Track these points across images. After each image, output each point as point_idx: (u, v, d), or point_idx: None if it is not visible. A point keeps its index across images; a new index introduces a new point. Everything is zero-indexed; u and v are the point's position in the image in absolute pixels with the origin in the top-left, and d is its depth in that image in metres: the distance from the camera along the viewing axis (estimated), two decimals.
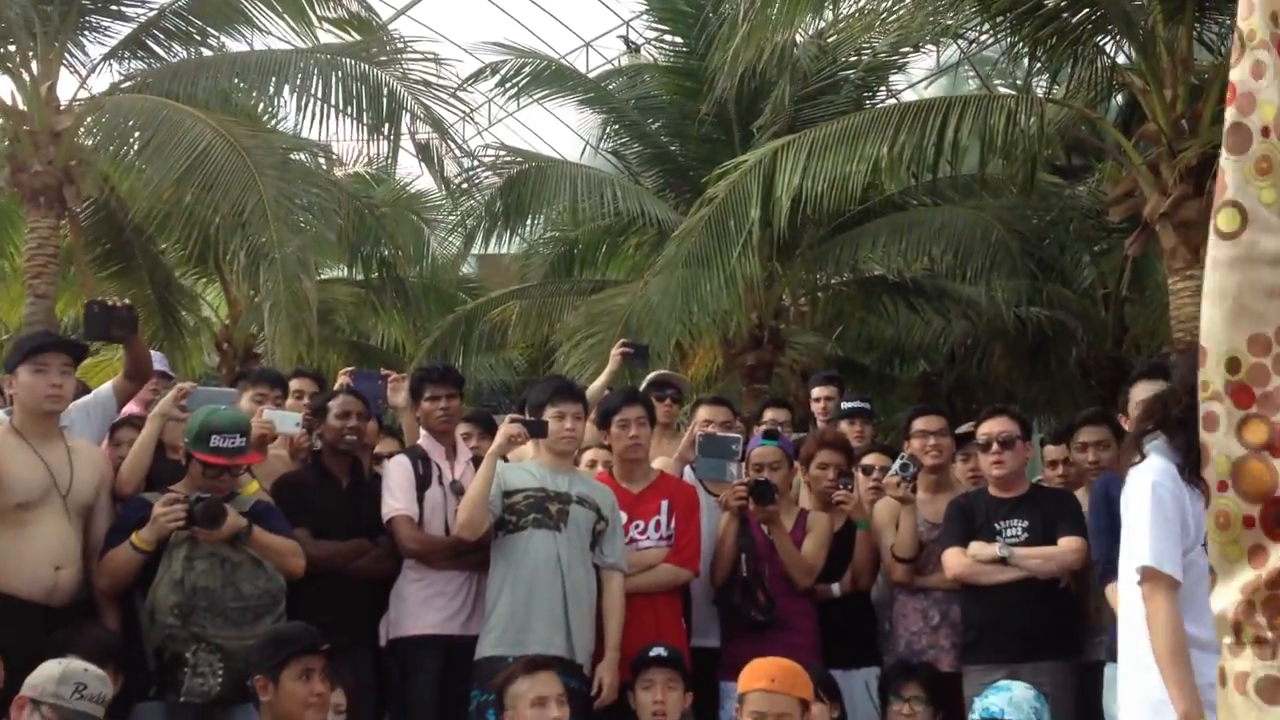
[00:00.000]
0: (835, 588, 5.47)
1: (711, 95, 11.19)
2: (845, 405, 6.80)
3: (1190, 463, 3.15)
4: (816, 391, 7.29)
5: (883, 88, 13.00)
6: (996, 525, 5.09)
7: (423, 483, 5.15)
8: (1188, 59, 8.87)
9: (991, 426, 5.22)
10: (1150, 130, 8.87)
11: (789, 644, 5.08)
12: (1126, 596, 3.24)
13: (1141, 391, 4.75)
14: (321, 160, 13.14)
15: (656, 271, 10.23)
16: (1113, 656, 4.62)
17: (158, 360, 5.86)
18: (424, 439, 5.37)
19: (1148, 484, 3.21)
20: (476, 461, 5.15)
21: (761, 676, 4.01)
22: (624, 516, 5.17)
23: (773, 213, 9.33)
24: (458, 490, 5.12)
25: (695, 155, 12.99)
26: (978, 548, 5.06)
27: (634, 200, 12.41)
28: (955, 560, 5.10)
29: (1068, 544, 4.98)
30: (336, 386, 5.51)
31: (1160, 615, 3.11)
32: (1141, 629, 3.15)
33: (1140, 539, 3.18)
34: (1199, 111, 8.59)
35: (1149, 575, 3.15)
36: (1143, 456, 3.29)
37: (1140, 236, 9.15)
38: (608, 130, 13.82)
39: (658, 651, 4.80)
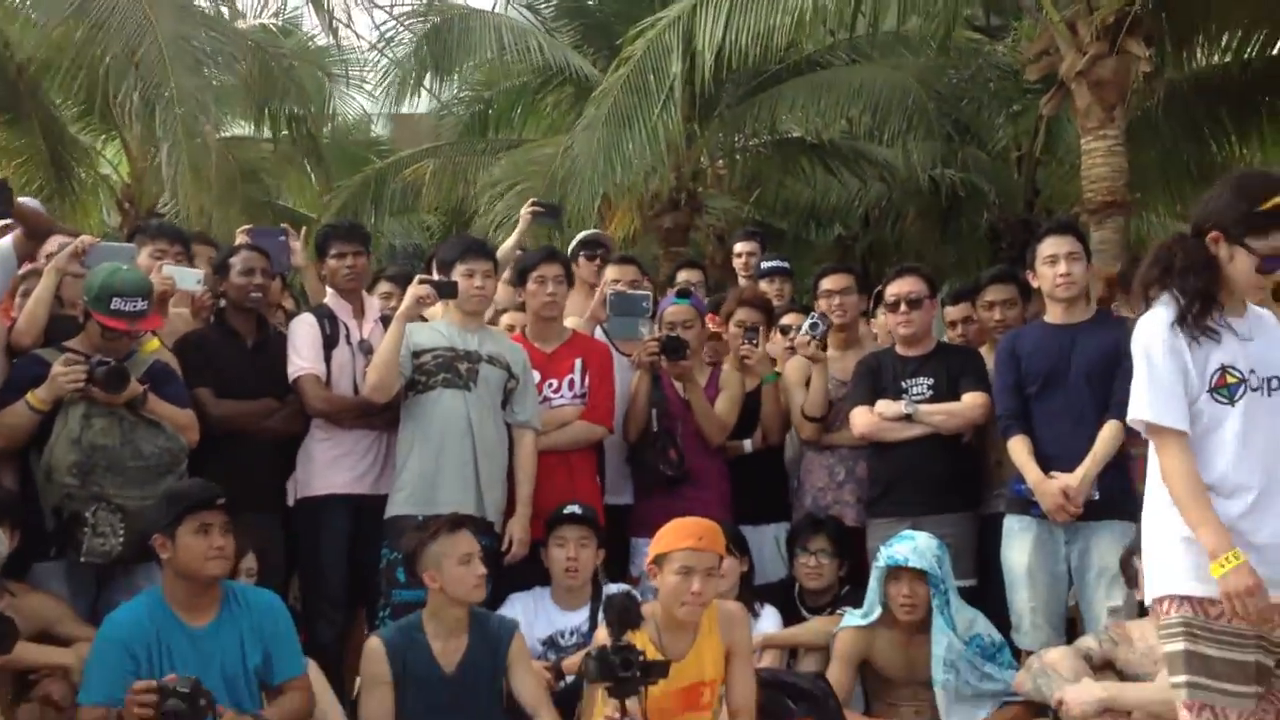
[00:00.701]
0: (747, 444, 5.53)
1: None
2: (765, 264, 6.81)
3: (1191, 311, 3.17)
4: (738, 247, 7.31)
5: None
6: (903, 383, 5.15)
7: (329, 342, 5.07)
8: None
9: (899, 286, 5.25)
10: None
11: (700, 500, 5.16)
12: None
13: (1049, 247, 4.79)
14: (224, 9, 12.63)
15: (579, 131, 10.05)
16: (1011, 509, 4.77)
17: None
18: (330, 298, 5.27)
19: (1143, 340, 3.23)
20: (386, 322, 5.08)
21: (689, 535, 4.06)
22: (537, 375, 5.15)
23: (694, 69, 9.18)
24: (366, 350, 5.06)
25: (613, 9, 12.70)
26: (884, 405, 5.12)
27: (560, 54, 12.14)
28: (862, 418, 5.16)
29: (971, 400, 5.06)
30: (235, 244, 5.36)
31: (1172, 464, 3.16)
32: (1159, 476, 3.21)
33: (1140, 395, 3.22)
34: None
35: (1152, 430, 3.20)
36: (1148, 305, 3.26)
37: (1056, 95, 9.13)
38: None
39: (571, 509, 4.84)
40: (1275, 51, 9.71)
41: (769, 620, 4.98)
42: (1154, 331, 3.21)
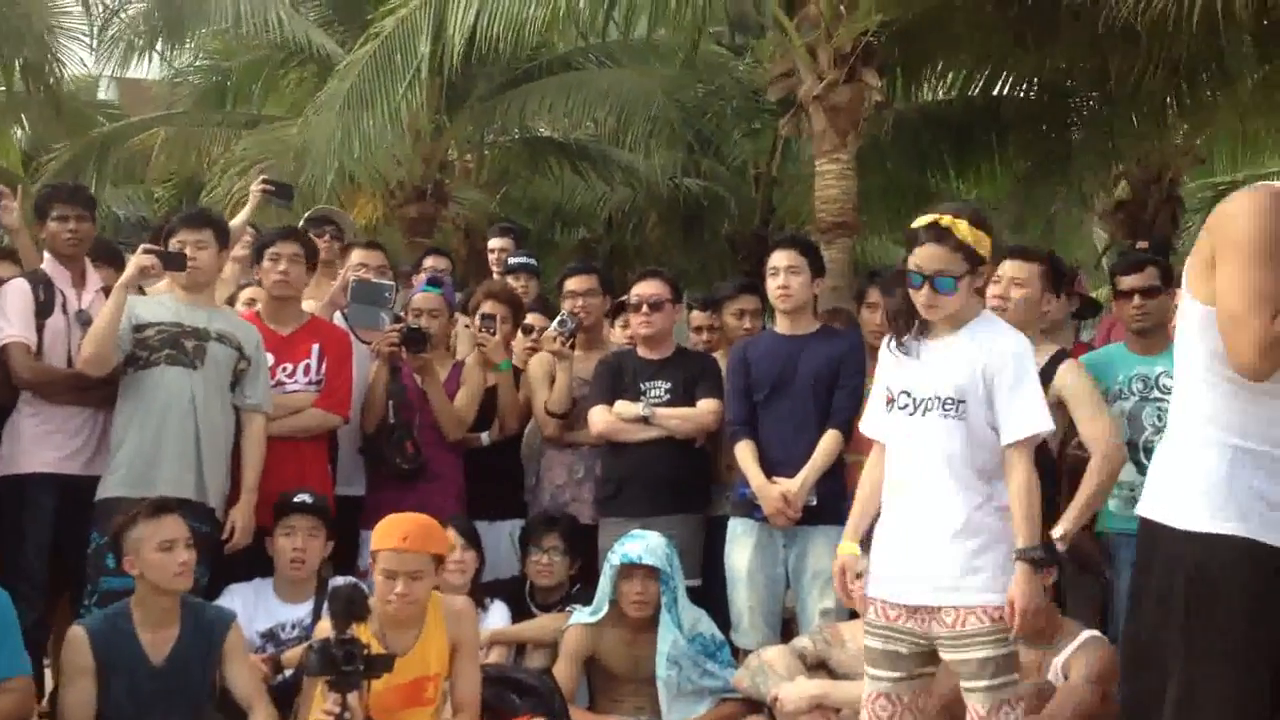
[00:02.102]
0: (484, 436, 5.49)
1: None
2: (511, 260, 6.79)
3: (891, 331, 3.55)
4: (493, 243, 7.29)
5: None
6: (642, 385, 5.23)
7: (44, 309, 4.76)
8: None
9: (643, 289, 5.33)
10: (811, 13, 9.13)
11: (435, 494, 5.14)
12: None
13: (773, 260, 4.95)
14: None
15: (319, 105, 9.76)
16: (735, 512, 4.92)
17: None
18: (48, 263, 4.94)
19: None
20: (107, 292, 4.80)
21: (393, 535, 4.00)
22: (271, 358, 4.97)
23: (444, 54, 9.07)
24: (85, 321, 4.76)
25: None
26: (622, 406, 5.18)
27: (301, 28, 11.75)
28: (600, 417, 5.21)
29: (705, 405, 5.17)
30: None
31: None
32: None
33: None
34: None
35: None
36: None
37: (794, 117, 9.48)
38: None
39: (301, 498, 4.70)
40: (996, 91, 10.38)
41: (497, 615, 4.96)
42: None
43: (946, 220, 3.38)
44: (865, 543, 3.56)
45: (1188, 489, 2.63)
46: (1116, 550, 4.61)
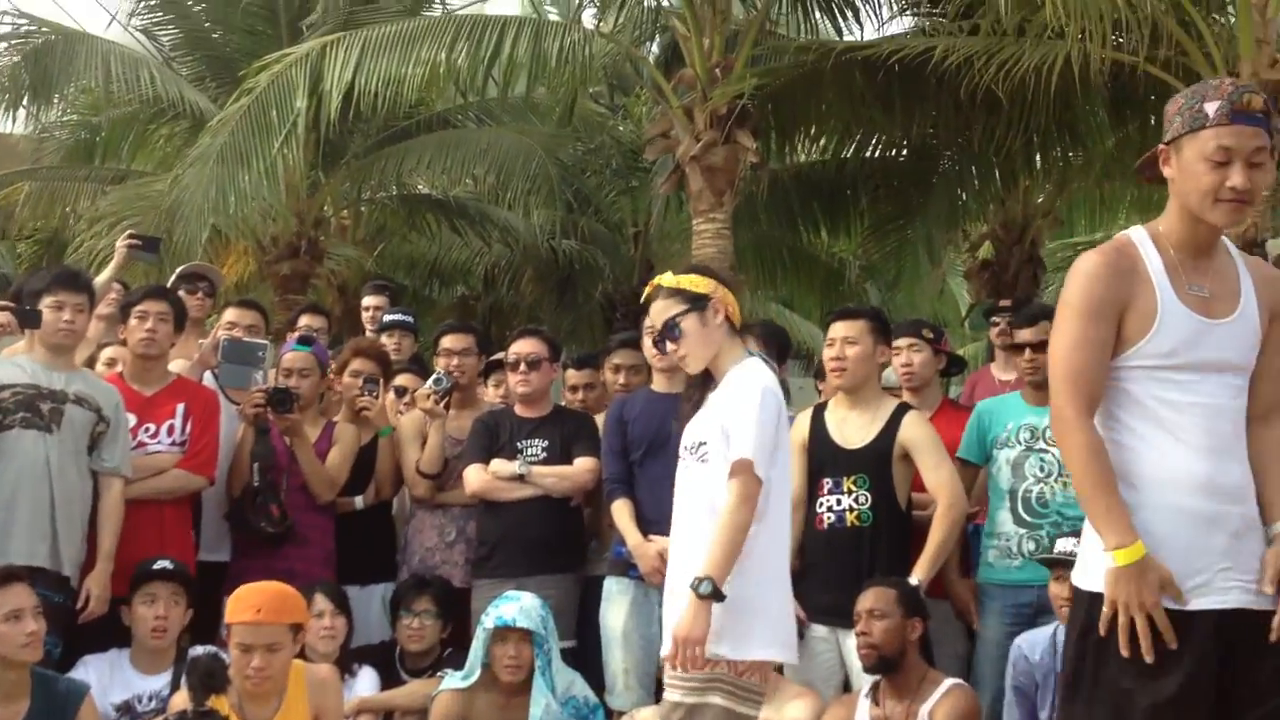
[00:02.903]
0: (358, 500, 5.40)
1: None
2: (387, 317, 6.71)
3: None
4: (368, 300, 7.19)
5: (438, 1, 12.83)
6: (519, 443, 5.19)
7: None
8: (726, 10, 9.40)
9: (521, 346, 5.31)
10: (687, 76, 9.32)
11: (303, 558, 5.05)
12: None
13: (648, 318, 4.97)
14: None
15: (191, 159, 9.58)
16: (611, 571, 4.89)
17: None
18: None
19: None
20: None
21: (247, 607, 3.91)
22: (133, 419, 4.84)
23: (321, 111, 9.01)
24: None
25: (239, 46, 12.27)
26: (498, 465, 5.14)
27: (174, 86, 11.56)
28: (476, 476, 5.16)
29: (582, 464, 5.15)
30: None
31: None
32: None
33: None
34: (732, 62, 9.12)
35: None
36: None
37: (672, 177, 9.62)
38: (141, 5, 12.75)
39: (161, 564, 4.57)
40: (867, 153, 10.65)
41: (366, 682, 4.84)
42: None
43: (653, 281, 3.62)
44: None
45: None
46: (989, 600, 4.68)
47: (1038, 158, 9.99)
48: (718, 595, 3.27)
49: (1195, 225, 2.72)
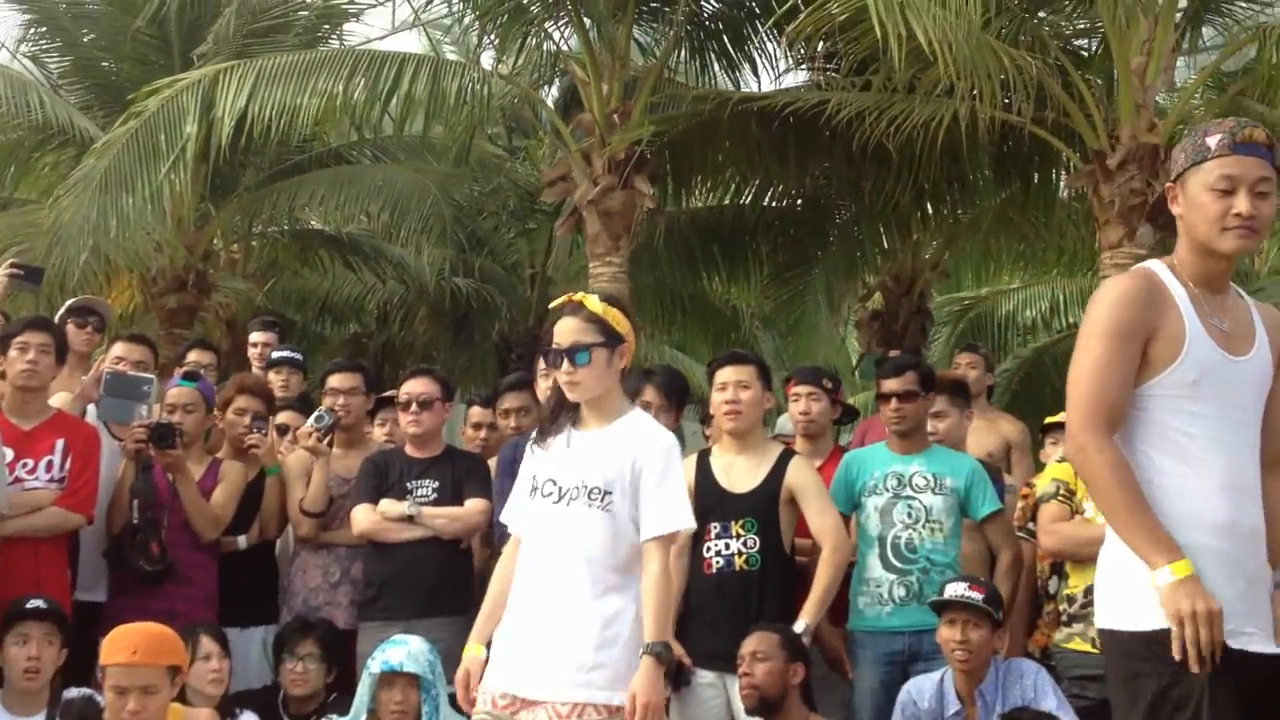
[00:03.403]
0: (242, 540, 5.29)
1: (149, 9, 10.48)
2: (275, 354, 6.61)
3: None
4: (255, 336, 7.05)
5: (335, 37, 12.75)
6: (409, 484, 5.14)
7: None
8: (625, 57, 9.51)
9: (413, 386, 5.27)
10: (586, 121, 9.39)
11: (183, 598, 4.93)
12: None
13: (543, 361, 4.98)
14: None
15: (71, 185, 9.33)
16: None
17: None
18: None
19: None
20: None
21: (122, 648, 3.79)
22: (10, 454, 4.69)
23: (211, 139, 8.86)
24: None
25: (130, 75, 12.01)
26: (387, 505, 5.08)
27: (63, 111, 11.28)
28: (364, 516, 5.09)
29: (473, 505, 5.11)
30: None
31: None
32: None
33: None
34: (630, 108, 9.22)
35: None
36: None
37: (569, 220, 9.66)
38: (31, 32, 12.45)
39: (35, 603, 4.42)
40: (766, 202, 10.82)
41: None
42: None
43: (580, 296, 3.53)
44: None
45: None
46: (861, 649, 4.73)
47: (928, 211, 10.25)
48: (672, 659, 3.34)
49: (1206, 259, 2.71)
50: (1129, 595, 2.62)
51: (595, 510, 3.38)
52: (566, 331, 3.43)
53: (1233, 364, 2.68)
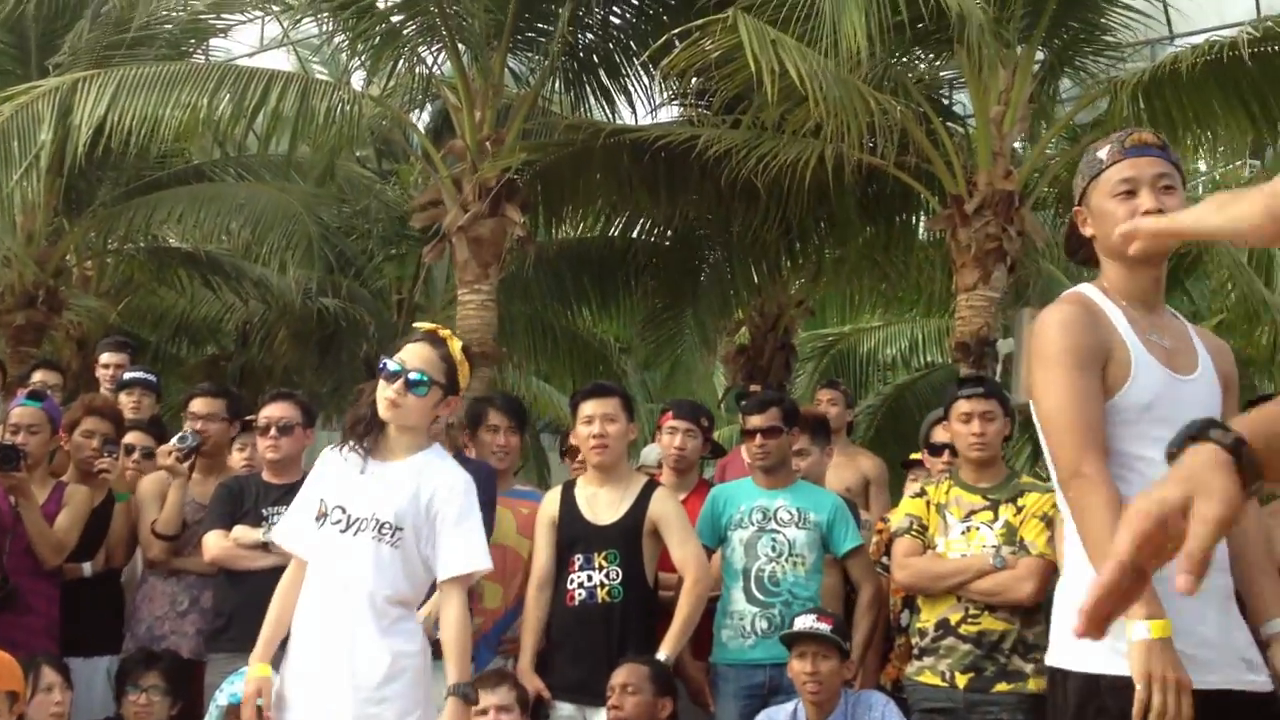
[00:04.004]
0: (87, 567, 5.11)
1: (2, 12, 10.15)
2: (127, 375, 6.41)
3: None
4: (105, 357, 6.83)
5: (201, 53, 12.47)
6: (265, 510, 5.01)
7: None
8: (499, 85, 9.49)
9: (272, 410, 5.15)
10: (457, 147, 9.34)
11: (22, 627, 4.73)
12: None
13: (421, 361, 4.91)
14: None
15: None
16: None
17: None
18: None
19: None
20: None
21: None
22: None
23: (68, 147, 8.58)
24: None
25: None
26: (241, 531, 4.95)
27: None
28: (215, 543, 4.94)
29: None
30: None
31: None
32: None
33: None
34: (503, 136, 9.20)
35: None
36: None
37: (438, 246, 9.58)
38: None
39: None
40: (637, 234, 10.88)
41: None
42: None
43: (445, 332, 3.56)
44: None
45: None
46: (724, 681, 4.75)
47: (793, 250, 10.43)
48: (474, 699, 3.42)
49: (1133, 272, 2.64)
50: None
51: (385, 545, 3.38)
52: (417, 358, 3.45)
53: (1181, 383, 2.61)
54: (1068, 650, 2.55)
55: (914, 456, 5.83)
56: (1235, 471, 1.37)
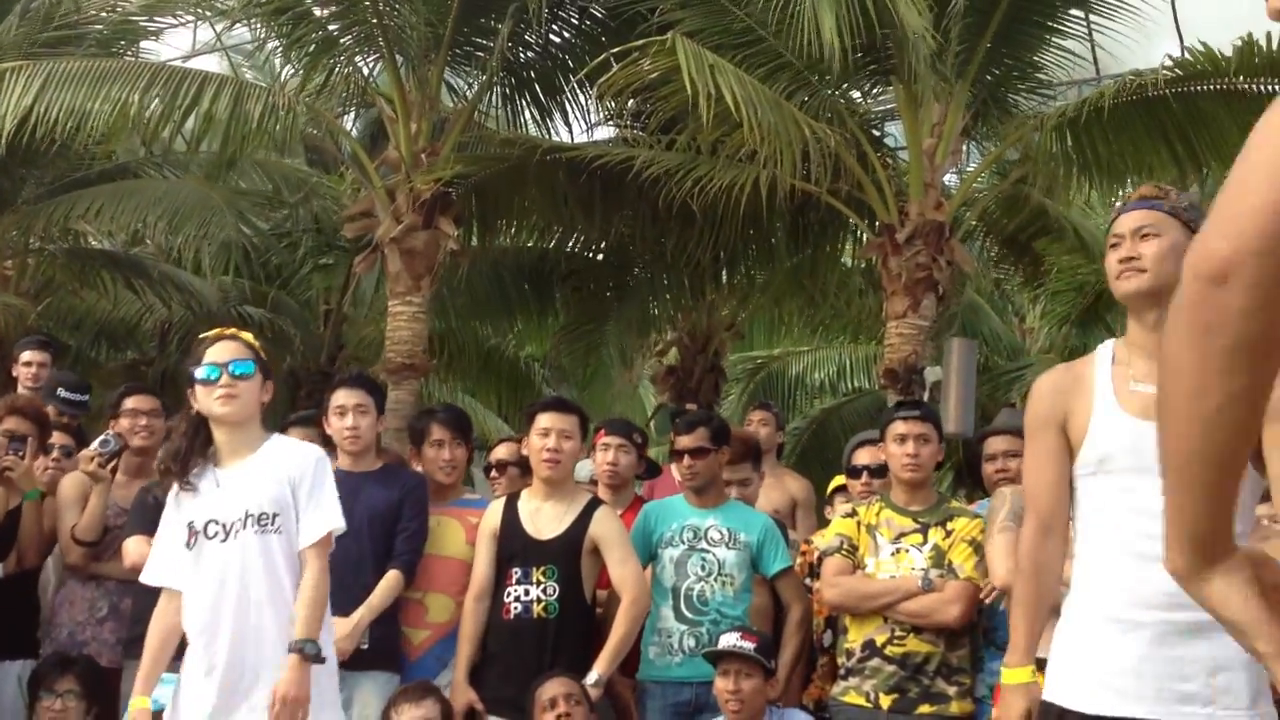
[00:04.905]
0: None
1: None
2: (65, 394, 6.22)
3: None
4: (26, 356, 6.64)
5: (131, 54, 12.27)
6: None
7: None
8: (436, 97, 9.46)
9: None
10: (392, 157, 9.30)
11: None
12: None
13: (349, 398, 4.87)
14: None
15: None
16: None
17: None
18: None
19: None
20: None
21: None
22: None
23: None
24: None
25: None
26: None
27: None
28: (137, 549, 4.82)
29: None
30: None
31: None
32: None
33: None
34: (438, 148, 9.17)
35: None
36: None
37: (370, 257, 9.51)
38: None
39: None
40: (569, 248, 10.87)
41: None
42: None
43: (233, 330, 3.77)
44: None
45: None
46: (650, 698, 4.75)
47: (725, 272, 10.49)
48: (320, 658, 3.44)
49: (1131, 319, 2.88)
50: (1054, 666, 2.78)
51: (268, 534, 3.51)
52: (224, 351, 3.60)
53: (1151, 429, 2.70)
54: (1063, 688, 2.74)
55: (839, 483, 5.88)
56: None
